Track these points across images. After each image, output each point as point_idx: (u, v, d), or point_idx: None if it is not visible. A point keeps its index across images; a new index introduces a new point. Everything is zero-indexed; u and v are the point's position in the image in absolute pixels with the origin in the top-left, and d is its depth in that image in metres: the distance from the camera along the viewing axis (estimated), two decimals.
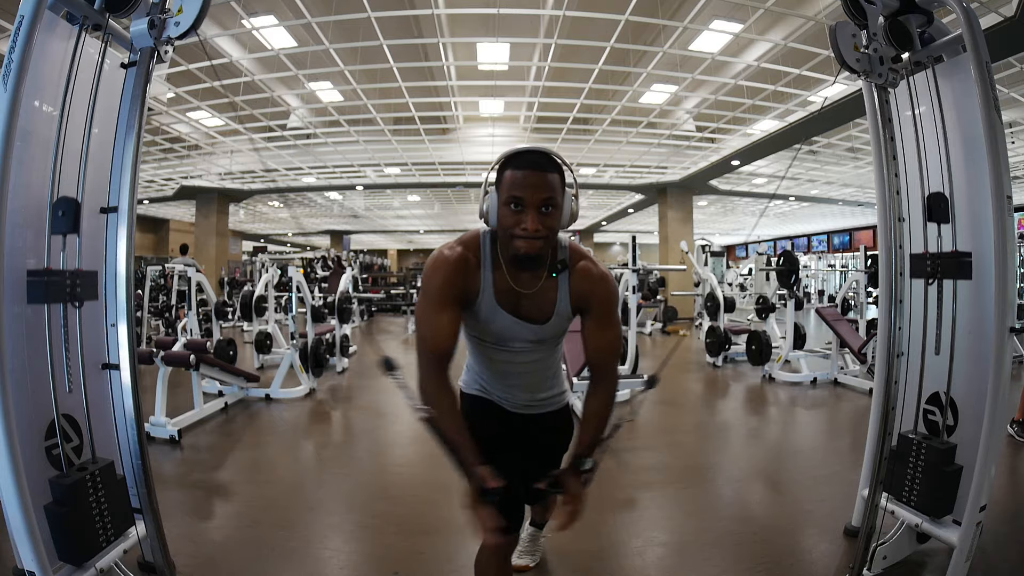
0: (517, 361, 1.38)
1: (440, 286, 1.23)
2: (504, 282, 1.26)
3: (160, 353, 3.67)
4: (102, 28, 1.63)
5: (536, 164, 1.16)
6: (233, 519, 2.47)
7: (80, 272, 1.55)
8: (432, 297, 1.23)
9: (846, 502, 2.34)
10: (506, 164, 1.20)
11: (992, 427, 1.68)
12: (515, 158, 1.19)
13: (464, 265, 1.25)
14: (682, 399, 4.95)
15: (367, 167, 11.84)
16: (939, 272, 1.80)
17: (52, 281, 1.48)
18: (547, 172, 1.16)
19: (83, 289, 1.55)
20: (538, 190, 1.15)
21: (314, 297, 7.23)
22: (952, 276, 1.80)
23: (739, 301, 9.66)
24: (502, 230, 1.19)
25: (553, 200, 1.16)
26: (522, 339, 1.32)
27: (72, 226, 1.51)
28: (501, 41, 6.27)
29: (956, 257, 1.79)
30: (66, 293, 1.51)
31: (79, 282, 1.54)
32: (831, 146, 9.89)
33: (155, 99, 7.60)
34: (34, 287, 1.47)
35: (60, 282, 1.49)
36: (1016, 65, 6.09)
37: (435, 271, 1.24)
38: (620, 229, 22.20)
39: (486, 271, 1.26)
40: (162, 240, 20.11)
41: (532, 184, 1.14)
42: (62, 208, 1.50)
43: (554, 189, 1.16)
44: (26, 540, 1.39)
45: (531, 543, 1.99)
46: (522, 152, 1.19)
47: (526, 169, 1.16)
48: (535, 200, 1.14)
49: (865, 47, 1.84)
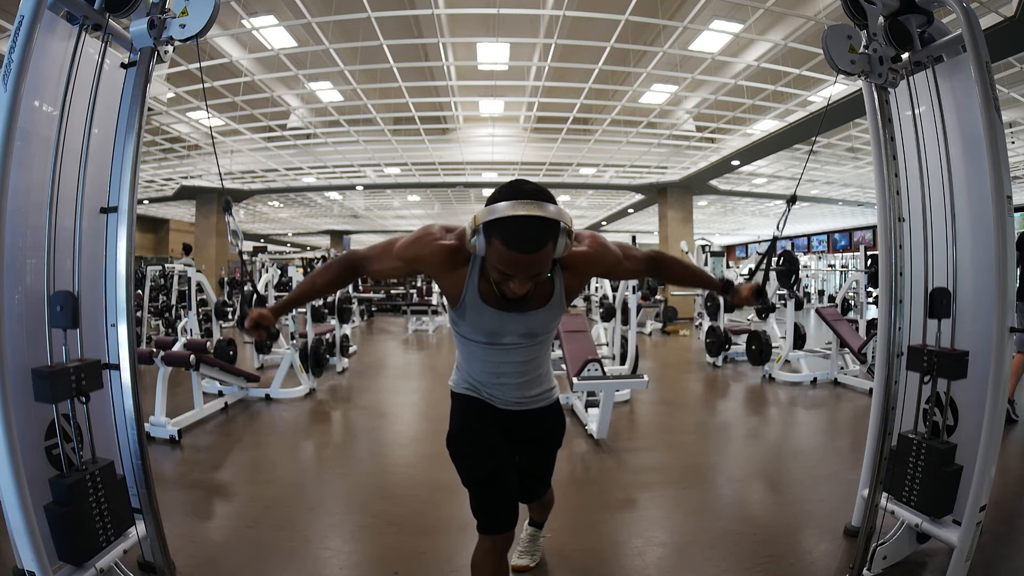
0: (508, 360, 1.39)
1: (414, 256, 1.27)
2: (488, 284, 1.24)
3: (160, 353, 3.67)
4: (102, 28, 1.63)
5: (525, 245, 1.04)
6: (233, 519, 2.47)
7: (84, 364, 1.53)
8: (401, 253, 1.28)
9: (846, 502, 2.34)
10: (493, 227, 1.07)
11: (992, 427, 1.68)
12: (503, 227, 1.05)
13: (449, 258, 1.24)
14: (682, 399, 4.95)
15: (367, 167, 11.84)
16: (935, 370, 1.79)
17: (57, 379, 1.46)
18: (539, 251, 1.06)
19: (88, 381, 1.53)
20: (526, 269, 1.09)
21: None
22: (948, 376, 1.77)
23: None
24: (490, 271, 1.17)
25: (542, 271, 1.12)
26: (512, 333, 1.32)
27: (71, 321, 1.50)
28: (501, 41, 6.27)
29: (955, 358, 1.75)
30: (71, 389, 1.49)
31: (83, 374, 1.52)
32: (831, 146, 9.88)
33: (155, 99, 7.60)
34: (40, 385, 1.45)
35: (65, 379, 1.47)
36: (1016, 65, 6.09)
37: (421, 242, 1.26)
38: (620, 229, 22.20)
39: (472, 275, 1.25)
40: (162, 240, 20.12)
41: (520, 265, 1.08)
42: (60, 303, 1.49)
43: (544, 262, 1.09)
44: (26, 540, 1.39)
45: (530, 543, 1.99)
46: (511, 220, 1.05)
47: (514, 251, 1.05)
48: (523, 277, 1.11)
49: (865, 47, 1.84)
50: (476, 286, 1.26)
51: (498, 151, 10.38)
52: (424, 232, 1.27)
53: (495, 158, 10.84)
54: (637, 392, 4.58)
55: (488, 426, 1.45)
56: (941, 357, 1.76)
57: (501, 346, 1.35)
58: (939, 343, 1.82)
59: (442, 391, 2.15)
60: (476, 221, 1.11)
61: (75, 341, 1.57)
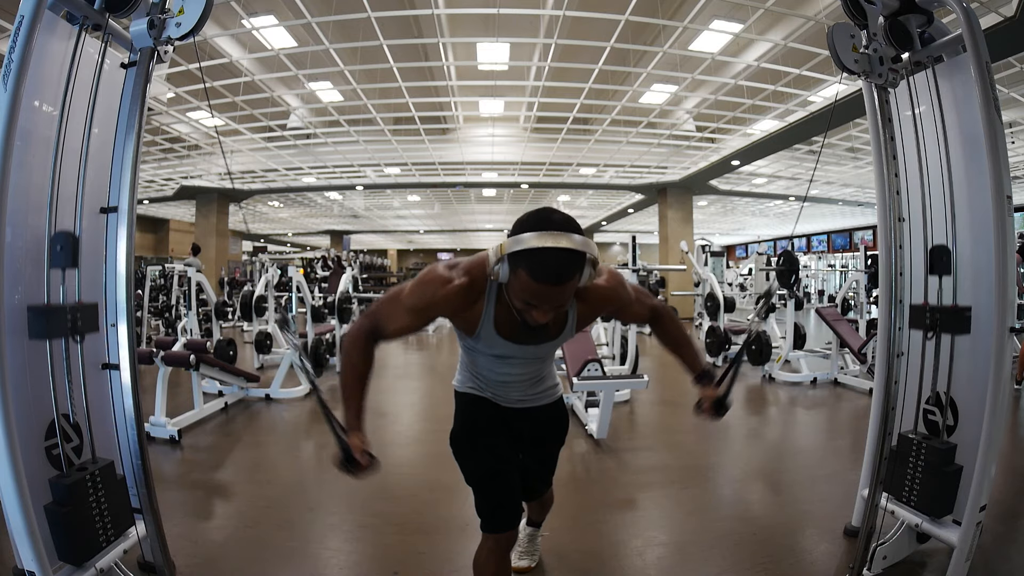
0: (514, 372, 1.41)
1: (427, 305, 1.20)
2: (505, 314, 1.23)
3: (160, 353, 3.67)
4: (102, 28, 1.63)
5: (553, 278, 1.03)
6: (233, 519, 2.47)
7: (81, 306, 1.55)
8: (412, 305, 1.21)
9: (846, 502, 2.34)
10: (521, 258, 1.04)
11: (992, 427, 1.68)
12: (532, 258, 1.03)
13: (463, 297, 1.20)
14: (682, 399, 4.94)
15: (367, 167, 11.84)
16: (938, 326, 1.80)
17: (53, 316, 1.47)
18: (566, 284, 1.04)
19: (84, 323, 1.55)
20: (554, 301, 1.07)
21: (314, 297, 7.23)
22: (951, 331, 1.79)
23: (739, 301, 9.66)
24: (512, 299, 1.15)
25: (567, 301, 1.11)
26: (522, 357, 1.34)
27: (71, 260, 1.51)
28: (501, 41, 6.27)
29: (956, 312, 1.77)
30: (67, 328, 1.51)
31: (80, 315, 1.54)
32: (831, 146, 9.88)
33: (155, 99, 7.60)
34: (35, 322, 1.47)
35: (61, 317, 1.49)
36: (1016, 65, 6.09)
37: (425, 289, 1.20)
38: (620, 229, 22.18)
39: (489, 305, 1.24)
40: (162, 240, 20.10)
41: (546, 297, 1.06)
42: (60, 243, 1.50)
43: (570, 292, 1.08)
44: (26, 540, 1.39)
45: (529, 543, 1.99)
46: (540, 253, 1.03)
47: (541, 283, 1.03)
48: (548, 307, 1.09)
49: (865, 47, 1.84)
50: (492, 319, 1.25)
51: (498, 151, 10.38)
52: (430, 276, 1.21)
53: (495, 158, 10.84)
54: (637, 392, 4.58)
55: (492, 424, 1.45)
56: (943, 312, 1.76)
57: (507, 360, 1.36)
58: (940, 300, 1.82)
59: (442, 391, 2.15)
60: (502, 250, 1.08)
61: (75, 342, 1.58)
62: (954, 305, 1.80)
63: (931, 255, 1.85)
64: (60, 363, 1.53)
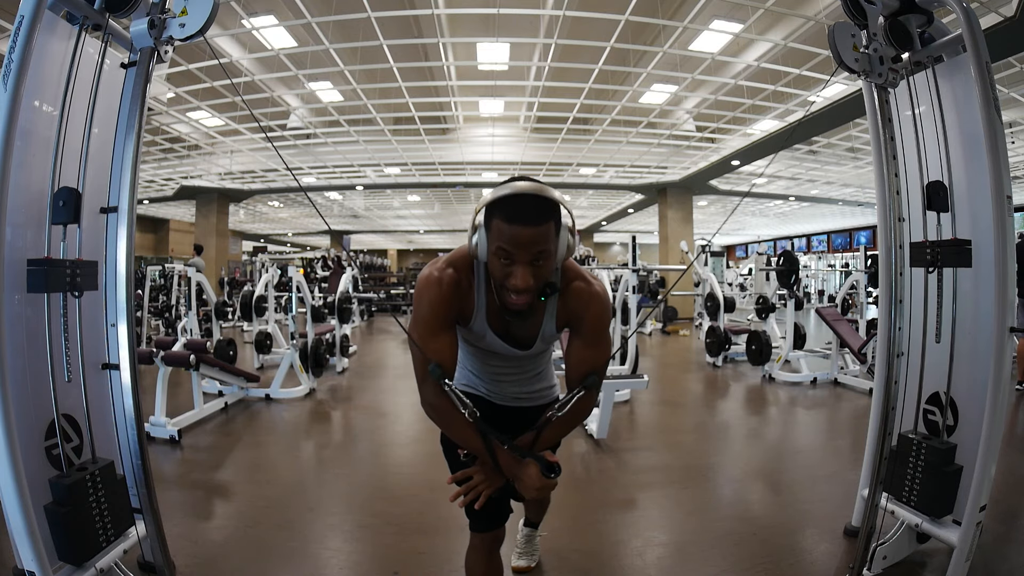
0: (507, 366, 1.41)
1: (435, 311, 1.19)
2: (496, 304, 1.23)
3: (160, 353, 3.67)
4: (102, 28, 1.63)
5: (527, 217, 1.05)
6: (233, 519, 2.47)
7: (80, 262, 1.54)
8: (427, 321, 1.20)
9: (846, 502, 2.34)
10: (495, 208, 1.08)
11: (992, 427, 1.68)
12: (504, 204, 1.06)
13: (456, 288, 1.21)
14: (682, 399, 4.95)
15: (367, 167, 11.85)
16: (939, 260, 1.78)
17: (53, 270, 1.46)
18: (539, 225, 1.05)
19: (83, 279, 1.54)
20: (529, 246, 1.06)
21: (314, 297, 7.23)
22: (952, 264, 1.78)
23: (739, 301, 9.67)
24: (492, 277, 1.15)
25: (545, 251, 1.08)
26: (511, 353, 1.34)
27: (73, 216, 1.50)
28: (501, 41, 6.27)
29: (956, 245, 1.77)
30: (66, 283, 1.49)
31: (79, 271, 1.52)
32: (831, 146, 9.89)
33: (155, 99, 7.60)
34: (35, 276, 1.46)
35: (60, 271, 1.48)
36: (1016, 65, 6.09)
37: (428, 295, 1.19)
38: (620, 229, 22.19)
39: (480, 293, 1.24)
40: (162, 240, 20.11)
41: (522, 241, 1.05)
42: (63, 198, 1.49)
43: (547, 239, 1.07)
44: (26, 540, 1.39)
45: (528, 544, 1.98)
46: (512, 198, 1.06)
47: (516, 224, 1.05)
48: (525, 256, 1.07)
49: (865, 47, 1.84)
50: (484, 308, 1.25)
51: (498, 151, 10.38)
52: (423, 283, 1.21)
53: (495, 158, 10.84)
54: (637, 392, 4.58)
55: None
56: (944, 246, 1.76)
57: (501, 355, 1.36)
58: (940, 235, 1.82)
59: None
60: (476, 215, 1.10)
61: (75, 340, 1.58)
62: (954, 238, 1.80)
63: (929, 190, 1.84)
64: (60, 363, 1.53)
